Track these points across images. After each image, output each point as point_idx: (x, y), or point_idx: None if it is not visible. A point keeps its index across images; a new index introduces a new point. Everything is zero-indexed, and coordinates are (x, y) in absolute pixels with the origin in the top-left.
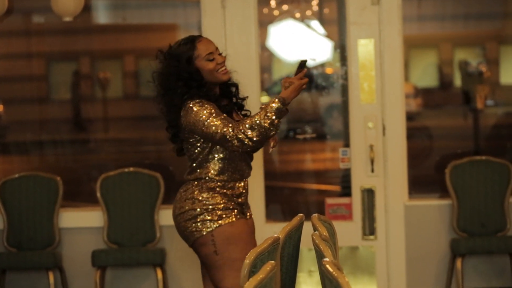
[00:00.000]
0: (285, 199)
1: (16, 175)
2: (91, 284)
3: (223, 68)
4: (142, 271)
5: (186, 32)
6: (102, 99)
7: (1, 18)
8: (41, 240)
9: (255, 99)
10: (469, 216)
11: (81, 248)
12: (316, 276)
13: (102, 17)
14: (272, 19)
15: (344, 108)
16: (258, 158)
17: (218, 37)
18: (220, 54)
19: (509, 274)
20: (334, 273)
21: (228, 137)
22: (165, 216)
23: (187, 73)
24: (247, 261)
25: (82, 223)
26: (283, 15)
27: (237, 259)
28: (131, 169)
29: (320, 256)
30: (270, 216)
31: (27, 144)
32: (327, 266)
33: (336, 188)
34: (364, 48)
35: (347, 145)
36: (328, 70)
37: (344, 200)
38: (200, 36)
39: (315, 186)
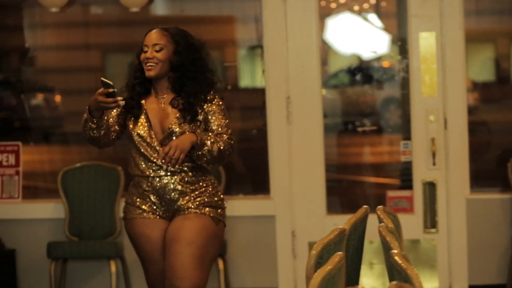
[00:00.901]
0: (343, 192)
1: (78, 165)
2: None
3: (148, 64)
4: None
5: (243, 25)
6: None
7: (62, 9)
8: (102, 229)
9: (316, 92)
10: None
11: None
12: (377, 269)
13: (160, 8)
14: (329, 12)
15: (404, 101)
16: (318, 151)
17: (279, 29)
18: (158, 51)
19: None
20: (403, 264)
21: None
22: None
23: (137, 60)
24: (313, 252)
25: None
26: (341, 8)
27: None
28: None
29: (387, 248)
30: (330, 208)
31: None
32: (396, 257)
33: (394, 181)
34: (425, 41)
35: (406, 138)
36: (385, 64)
37: (405, 193)
38: (154, 29)
39: (373, 179)
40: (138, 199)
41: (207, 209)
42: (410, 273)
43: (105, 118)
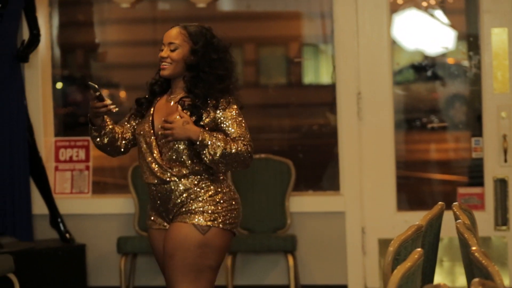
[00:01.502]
0: (411, 189)
1: None
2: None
3: (163, 64)
4: (273, 257)
5: (309, 21)
6: None
7: (132, 5)
8: None
9: (387, 88)
10: None
11: None
12: (447, 266)
13: (226, 4)
14: (396, 8)
15: (472, 97)
16: (389, 147)
17: (350, 25)
18: (173, 50)
19: None
20: (484, 261)
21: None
22: (295, 203)
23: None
24: (391, 248)
25: None
26: (407, 4)
27: None
28: (262, 155)
29: (464, 244)
30: (399, 205)
31: None
32: (476, 254)
33: (463, 178)
34: (497, 37)
35: (475, 134)
36: (450, 60)
37: (476, 190)
38: (173, 26)
39: (441, 176)
40: (150, 208)
41: (194, 217)
42: (491, 270)
43: (108, 125)
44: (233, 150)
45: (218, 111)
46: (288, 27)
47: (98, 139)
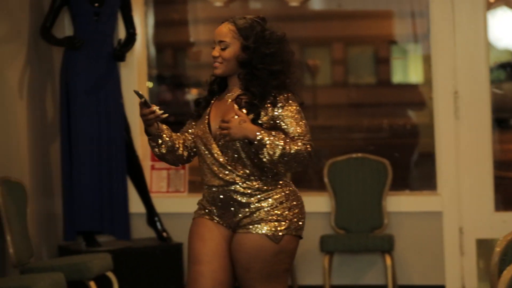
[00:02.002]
0: (507, 189)
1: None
2: (318, 268)
3: (214, 64)
4: (370, 257)
5: (400, 20)
6: (311, 86)
7: (226, 4)
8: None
9: (484, 87)
10: None
11: (309, 233)
12: None
13: (317, 3)
14: (488, 7)
15: None
16: (487, 147)
17: (446, 24)
18: (223, 49)
19: None
20: None
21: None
22: (393, 203)
23: None
24: (497, 249)
25: (310, 208)
26: (498, 2)
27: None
28: (359, 154)
29: None
30: (496, 205)
31: None
32: None
33: None
34: None
35: None
36: None
37: None
38: (225, 21)
39: None
40: (205, 203)
41: (265, 227)
42: None
43: (166, 134)
44: (293, 150)
45: (276, 109)
46: (378, 26)
47: (156, 149)
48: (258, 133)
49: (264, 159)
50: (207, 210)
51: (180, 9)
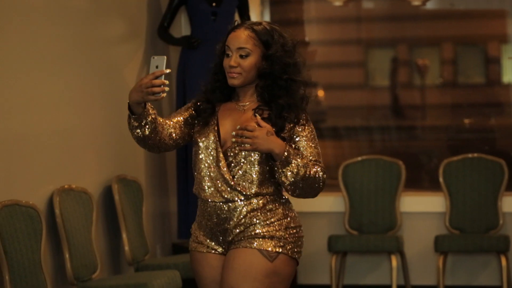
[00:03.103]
0: None
1: (359, 158)
2: (432, 268)
3: (231, 73)
4: (484, 257)
5: None
6: (420, 86)
7: (345, 3)
8: (382, 223)
9: None
10: None
11: (422, 233)
12: None
13: (430, 3)
14: None
15: None
16: None
17: None
18: (243, 57)
19: None
20: None
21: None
22: (509, 203)
23: (218, 65)
24: None
25: (423, 208)
26: None
27: None
28: (475, 154)
29: None
30: None
31: (355, 129)
32: None
33: None
34: None
35: None
36: None
37: None
38: (237, 26)
39: None
40: (198, 227)
41: (260, 241)
42: None
43: (151, 114)
44: (312, 174)
45: (297, 126)
46: (490, 26)
47: (138, 130)
48: (285, 149)
49: (284, 179)
50: (199, 239)
51: (296, 8)
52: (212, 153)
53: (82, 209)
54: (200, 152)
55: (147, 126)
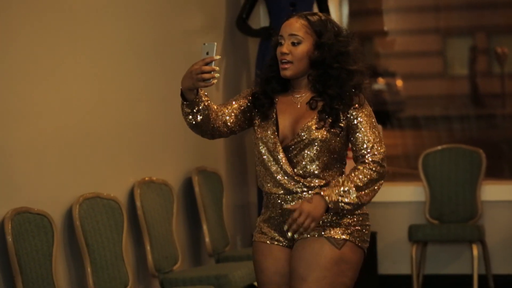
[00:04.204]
0: None
1: (439, 148)
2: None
3: (283, 62)
4: None
5: None
6: (500, 74)
7: None
8: (463, 212)
9: None
10: None
11: (503, 222)
12: None
13: None
14: None
15: None
16: None
17: None
18: (295, 44)
19: None
20: None
21: None
22: None
23: (274, 57)
24: None
25: (504, 197)
26: None
27: None
28: None
29: None
30: None
31: (434, 119)
32: None
33: None
34: None
35: None
36: None
37: None
38: (291, 16)
39: None
40: (263, 219)
41: (327, 230)
42: None
43: (203, 101)
44: (366, 181)
45: (352, 112)
46: None
47: (190, 116)
48: (327, 201)
49: (350, 209)
50: (263, 231)
51: None
52: (272, 147)
53: (162, 201)
54: (260, 146)
55: (199, 113)
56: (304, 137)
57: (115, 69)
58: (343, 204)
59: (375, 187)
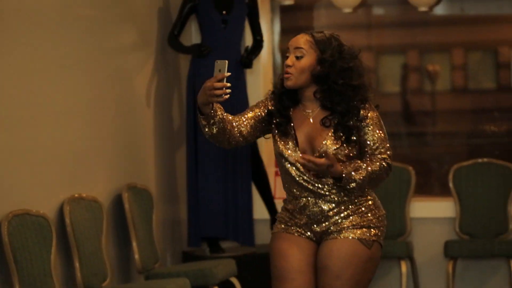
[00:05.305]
0: None
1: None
2: (441, 274)
3: (287, 74)
4: (494, 262)
5: None
6: (431, 92)
7: (355, 10)
8: (392, 229)
9: None
10: None
11: (432, 238)
12: None
13: (440, 8)
14: None
15: None
16: None
17: None
18: (298, 58)
19: None
20: None
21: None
22: None
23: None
24: None
25: (433, 214)
26: None
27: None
28: (485, 159)
29: None
30: None
31: None
32: None
33: None
34: None
35: None
36: None
37: None
38: (304, 31)
39: None
40: (286, 215)
41: (358, 231)
42: None
43: (218, 114)
44: (375, 172)
45: (359, 122)
46: (500, 31)
47: (206, 128)
48: (344, 174)
49: (349, 189)
50: (289, 224)
51: (306, 16)
52: (293, 161)
53: (92, 218)
54: (283, 160)
55: (214, 126)
56: (329, 151)
57: (45, 83)
58: (351, 184)
59: (379, 182)
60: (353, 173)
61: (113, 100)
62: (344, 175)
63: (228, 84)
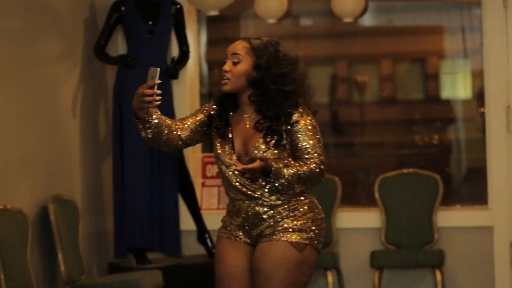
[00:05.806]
0: None
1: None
2: (367, 284)
3: (224, 80)
4: (420, 272)
5: (450, 35)
6: (360, 103)
7: (279, 20)
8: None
9: None
10: None
11: (358, 249)
12: None
13: (367, 19)
14: None
15: None
16: None
17: (499, 39)
18: (235, 63)
19: None
20: None
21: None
22: (443, 218)
23: None
24: None
25: (359, 224)
26: None
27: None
28: (411, 170)
29: None
30: None
31: None
32: None
33: None
34: None
35: None
36: None
37: None
38: (241, 38)
39: None
40: (227, 218)
41: (290, 235)
42: None
43: (153, 119)
44: (306, 173)
45: (290, 127)
46: (428, 42)
47: (142, 132)
48: (273, 169)
49: (278, 185)
50: (228, 229)
51: (232, 26)
52: (228, 163)
53: (17, 230)
54: (220, 163)
55: (149, 130)
56: (258, 156)
57: None
58: (280, 180)
59: (309, 185)
60: (283, 169)
61: (38, 111)
62: (273, 169)
63: (159, 92)
